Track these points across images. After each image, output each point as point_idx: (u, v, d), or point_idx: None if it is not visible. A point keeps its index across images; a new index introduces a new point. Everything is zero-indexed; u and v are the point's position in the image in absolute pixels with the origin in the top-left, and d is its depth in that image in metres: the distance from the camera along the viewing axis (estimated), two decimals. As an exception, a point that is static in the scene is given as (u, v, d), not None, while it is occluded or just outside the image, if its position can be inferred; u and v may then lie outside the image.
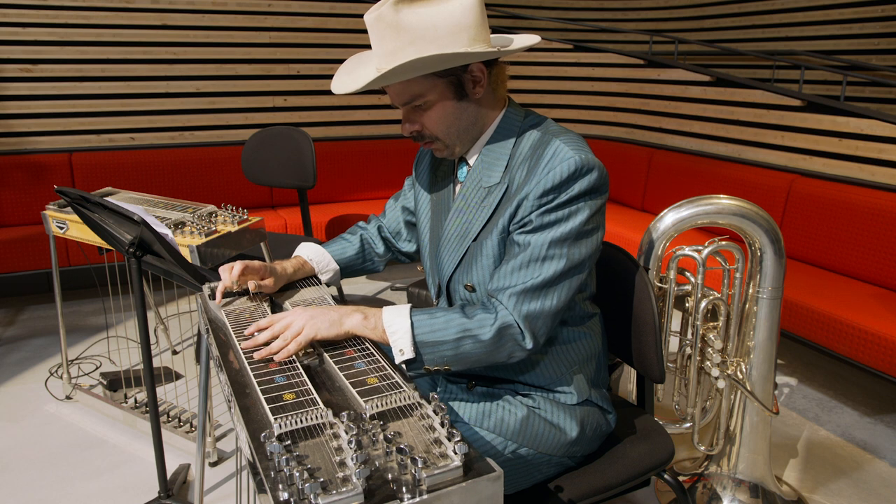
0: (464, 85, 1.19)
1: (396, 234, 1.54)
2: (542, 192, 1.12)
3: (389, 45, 1.14)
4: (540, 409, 1.26)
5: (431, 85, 1.17)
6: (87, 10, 3.69)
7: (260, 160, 3.22)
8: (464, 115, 1.21)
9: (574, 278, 1.15)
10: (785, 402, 2.58)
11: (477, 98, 1.21)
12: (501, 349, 1.14)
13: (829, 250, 2.90)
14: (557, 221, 1.12)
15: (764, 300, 1.77)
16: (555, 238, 1.12)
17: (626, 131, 4.45)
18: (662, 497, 1.97)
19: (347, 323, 1.13)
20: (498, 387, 1.30)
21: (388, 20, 1.13)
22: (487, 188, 1.22)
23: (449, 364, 1.13)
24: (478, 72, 1.18)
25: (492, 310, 1.14)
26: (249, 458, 0.83)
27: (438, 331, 1.11)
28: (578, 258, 1.14)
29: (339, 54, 4.29)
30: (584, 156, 1.12)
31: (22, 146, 3.67)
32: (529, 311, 1.12)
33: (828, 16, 4.84)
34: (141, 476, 2.06)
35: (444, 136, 1.23)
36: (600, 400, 1.33)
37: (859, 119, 3.02)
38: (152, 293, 2.86)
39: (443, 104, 1.19)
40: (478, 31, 1.15)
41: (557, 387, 1.28)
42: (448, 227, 1.28)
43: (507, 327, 1.12)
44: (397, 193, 1.55)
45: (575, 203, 1.12)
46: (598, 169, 1.13)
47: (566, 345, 1.28)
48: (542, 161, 1.14)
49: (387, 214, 1.56)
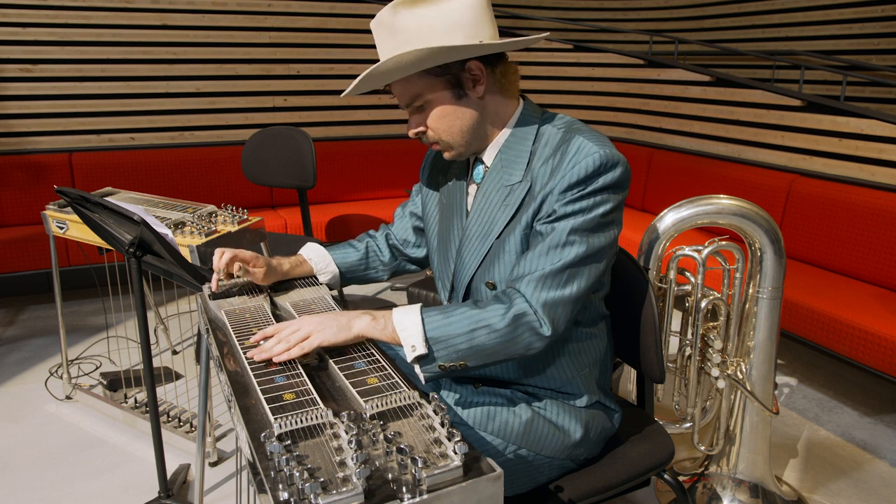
0: (462, 84, 1.18)
1: (405, 241, 1.54)
2: (566, 186, 1.12)
3: (387, 48, 1.15)
4: (545, 410, 1.25)
5: (429, 84, 1.17)
6: (87, 10, 3.69)
7: (260, 160, 3.22)
8: (465, 115, 1.20)
9: (593, 266, 1.14)
10: (785, 402, 2.58)
11: (479, 97, 1.20)
12: (518, 339, 1.11)
13: (829, 250, 2.90)
14: (581, 210, 1.12)
15: (764, 300, 1.77)
16: (576, 226, 1.12)
17: (626, 131, 4.45)
18: (662, 497, 1.97)
19: (356, 326, 1.11)
20: (505, 388, 1.29)
21: (386, 23, 1.14)
22: (510, 186, 1.21)
23: (464, 359, 1.10)
24: (476, 70, 1.17)
25: (506, 300, 1.12)
26: (249, 458, 0.83)
27: (451, 324, 1.09)
28: (598, 246, 1.14)
29: (339, 54, 4.29)
30: (608, 150, 1.12)
31: (22, 146, 3.67)
32: (548, 297, 1.11)
33: (828, 16, 4.84)
34: (141, 476, 2.06)
35: (446, 136, 1.22)
36: (607, 400, 1.33)
37: (859, 119, 3.02)
38: (152, 293, 2.86)
39: (441, 103, 1.19)
40: (476, 30, 1.14)
41: (567, 388, 1.28)
42: (470, 228, 1.27)
43: (523, 315, 1.10)
44: (405, 202, 1.55)
45: (598, 195, 1.12)
46: (622, 164, 1.13)
47: (579, 345, 1.27)
48: (567, 157, 1.13)
49: (395, 222, 1.56)
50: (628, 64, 4.42)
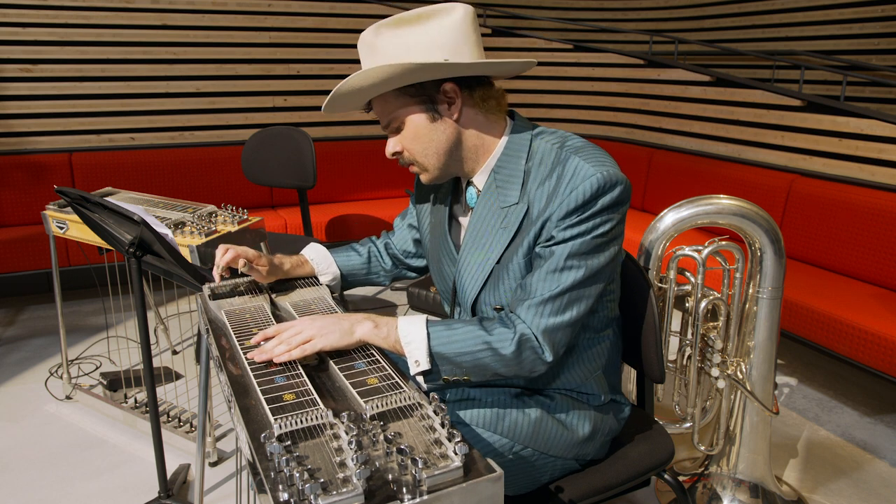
0: (436, 104, 1.16)
1: (405, 252, 1.53)
2: (565, 212, 1.10)
3: (367, 65, 1.14)
4: (555, 408, 1.25)
5: (403, 104, 1.16)
6: (87, 10, 3.69)
7: (260, 160, 3.22)
8: (440, 137, 1.18)
9: (593, 287, 1.14)
10: (785, 402, 2.58)
11: (455, 119, 1.17)
12: (523, 364, 1.11)
13: (829, 250, 2.90)
14: (578, 235, 1.11)
15: (764, 300, 1.77)
16: (573, 250, 1.11)
17: (626, 131, 4.45)
18: (662, 497, 1.97)
19: (358, 332, 1.10)
20: (516, 388, 1.28)
21: (367, 42, 1.15)
22: (506, 209, 1.19)
23: (468, 375, 1.11)
24: (451, 91, 1.15)
25: (510, 325, 1.12)
26: (249, 458, 0.83)
27: (456, 342, 1.09)
28: (597, 267, 1.13)
29: (339, 54, 4.29)
30: (606, 171, 1.09)
31: (22, 146, 3.67)
32: (548, 324, 1.11)
33: (828, 16, 4.84)
34: (141, 476, 2.06)
35: (420, 158, 1.20)
36: (618, 396, 1.34)
37: (859, 119, 3.02)
38: (152, 293, 2.86)
39: (414, 124, 1.17)
40: (455, 51, 1.12)
41: (581, 390, 1.28)
42: (466, 254, 1.25)
43: (527, 340, 1.10)
44: (403, 212, 1.55)
45: (598, 217, 1.11)
46: (620, 183, 1.10)
47: (590, 351, 1.27)
48: (564, 181, 1.11)
49: (395, 232, 1.56)
50: (628, 64, 4.42)
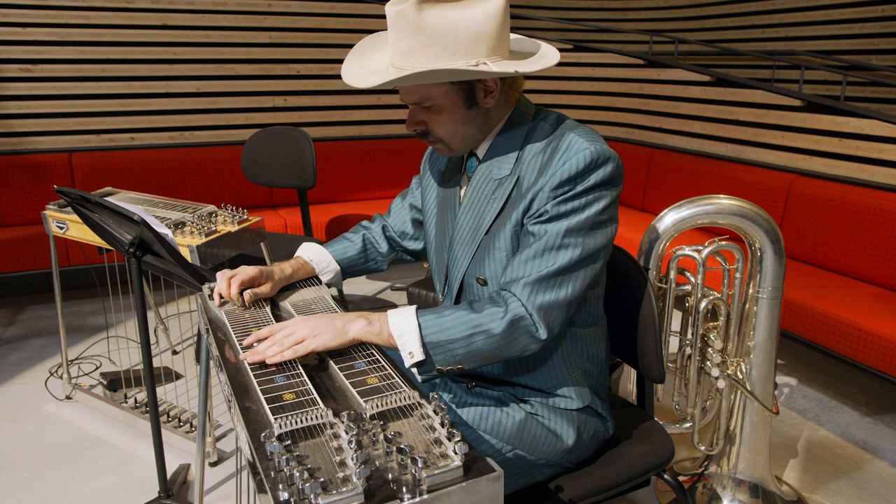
0: (475, 94, 1.18)
1: (402, 234, 1.53)
2: (557, 183, 1.11)
3: (407, 43, 1.13)
4: (538, 414, 1.25)
5: (443, 90, 1.17)
6: (87, 10, 3.69)
7: (260, 160, 3.22)
8: (471, 122, 1.21)
9: (588, 268, 1.14)
10: (785, 402, 2.58)
11: (487, 107, 1.21)
12: (514, 343, 1.11)
13: (829, 250, 2.90)
14: (574, 211, 1.11)
15: (764, 300, 1.77)
16: (570, 227, 1.11)
17: (626, 131, 4.45)
18: (662, 497, 1.97)
19: (352, 330, 1.10)
20: (499, 389, 1.29)
21: (409, 18, 1.11)
22: (498, 180, 1.21)
23: (462, 363, 1.11)
24: (491, 83, 1.18)
25: (501, 303, 1.12)
26: (249, 458, 0.83)
27: (448, 329, 1.09)
28: (593, 247, 1.13)
29: (339, 54, 4.29)
30: (598, 147, 1.12)
31: (22, 146, 3.67)
32: (543, 301, 1.11)
33: (828, 16, 4.83)
34: (141, 476, 2.06)
35: (448, 139, 1.23)
36: (600, 407, 1.32)
37: (859, 119, 3.02)
38: (152, 293, 2.86)
39: (451, 110, 1.19)
40: (497, 42, 1.14)
41: (559, 390, 1.26)
42: (460, 221, 1.27)
43: (520, 319, 1.10)
44: (404, 192, 1.54)
45: (591, 193, 1.12)
46: (613, 160, 1.13)
47: (572, 346, 1.26)
48: (557, 153, 1.13)
49: (392, 214, 1.55)
50: (628, 64, 4.42)
